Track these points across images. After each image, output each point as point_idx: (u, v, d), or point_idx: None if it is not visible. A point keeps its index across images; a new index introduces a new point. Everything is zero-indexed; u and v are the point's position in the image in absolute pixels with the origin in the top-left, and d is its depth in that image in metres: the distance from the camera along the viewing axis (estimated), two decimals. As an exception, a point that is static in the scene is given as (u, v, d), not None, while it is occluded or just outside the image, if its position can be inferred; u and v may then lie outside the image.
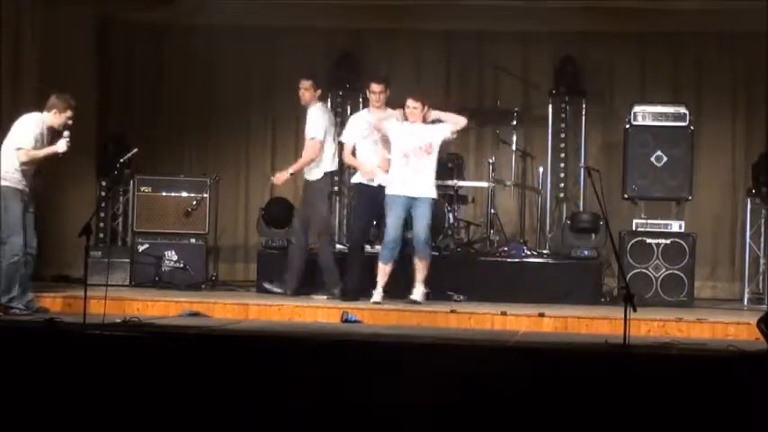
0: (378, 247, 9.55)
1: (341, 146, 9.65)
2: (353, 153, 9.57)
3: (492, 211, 10.57)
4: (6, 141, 8.51)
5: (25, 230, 8.39)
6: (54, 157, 8.52)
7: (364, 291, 9.20)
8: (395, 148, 9.20)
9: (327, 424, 6.03)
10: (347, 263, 9.54)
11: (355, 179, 9.65)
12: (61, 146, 8.44)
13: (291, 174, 9.72)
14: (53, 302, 8.85)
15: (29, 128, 8.46)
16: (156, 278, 10.35)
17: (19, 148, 8.40)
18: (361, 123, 9.56)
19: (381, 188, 9.29)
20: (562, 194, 11.23)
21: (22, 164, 8.39)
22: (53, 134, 8.56)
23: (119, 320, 7.91)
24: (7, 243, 8.34)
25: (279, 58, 11.47)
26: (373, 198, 9.38)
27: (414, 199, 9.11)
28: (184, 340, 7.11)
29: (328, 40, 11.61)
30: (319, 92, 9.68)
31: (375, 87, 9.46)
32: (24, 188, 8.43)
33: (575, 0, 10.78)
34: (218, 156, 11.53)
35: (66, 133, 8.45)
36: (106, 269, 9.64)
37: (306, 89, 9.60)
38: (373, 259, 9.32)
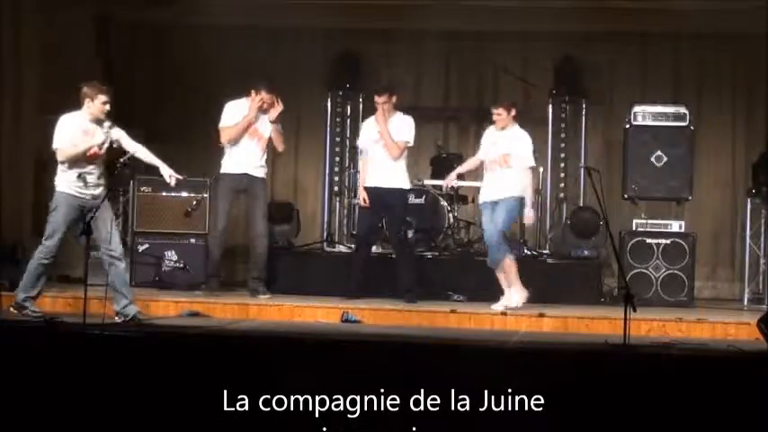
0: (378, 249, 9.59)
1: None
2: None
3: (492, 210, 10.55)
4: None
5: (111, 233, 8.23)
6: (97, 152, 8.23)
7: (366, 291, 9.23)
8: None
9: (327, 424, 6.03)
10: (352, 263, 9.55)
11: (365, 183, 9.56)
12: (98, 138, 8.20)
13: None
14: (53, 302, 8.85)
15: (62, 127, 8.25)
16: (156, 278, 10.34)
17: (55, 149, 8.23)
18: (372, 128, 9.45)
19: (386, 189, 9.29)
20: (562, 194, 11.23)
21: (62, 163, 8.20)
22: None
23: (119, 320, 7.91)
24: (44, 244, 8.26)
25: (279, 58, 11.46)
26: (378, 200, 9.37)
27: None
28: (184, 340, 7.12)
29: (328, 40, 11.61)
30: None
31: (377, 99, 9.29)
32: (79, 193, 8.19)
33: (575, 0, 10.78)
34: (218, 156, 11.50)
35: (106, 124, 8.25)
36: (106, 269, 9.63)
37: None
38: (377, 260, 9.31)
